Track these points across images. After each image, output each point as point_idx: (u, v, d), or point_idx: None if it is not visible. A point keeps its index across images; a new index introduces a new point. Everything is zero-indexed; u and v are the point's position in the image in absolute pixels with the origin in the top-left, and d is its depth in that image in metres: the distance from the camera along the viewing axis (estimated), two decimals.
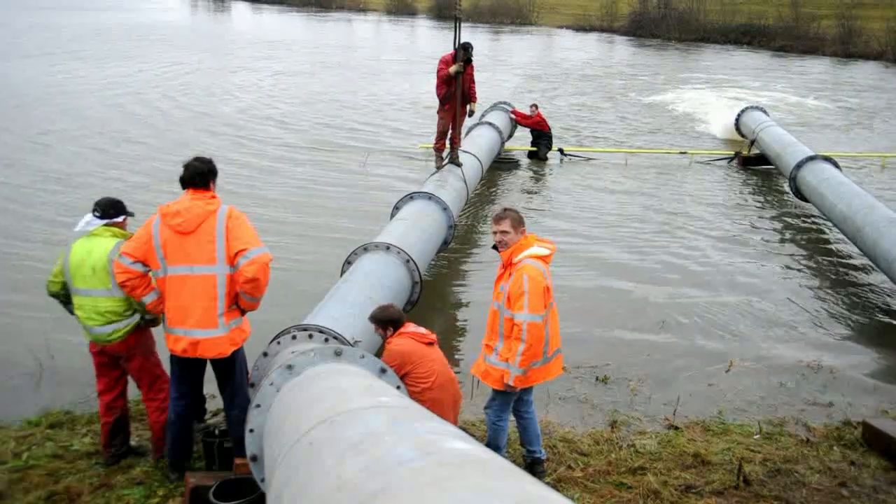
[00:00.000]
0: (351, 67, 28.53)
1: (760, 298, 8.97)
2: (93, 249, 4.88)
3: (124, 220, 5.12)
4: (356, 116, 19.29)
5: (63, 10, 45.89)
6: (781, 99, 24.37)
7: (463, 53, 10.18)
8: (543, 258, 4.87)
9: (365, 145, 15.99)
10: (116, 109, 18.87)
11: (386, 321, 5.20)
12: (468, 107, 10.53)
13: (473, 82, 10.48)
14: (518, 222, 4.91)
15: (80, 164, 13.62)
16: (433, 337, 5.19)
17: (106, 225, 5.01)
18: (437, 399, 4.82)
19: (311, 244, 10.06)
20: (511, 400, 5.12)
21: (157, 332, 5.10)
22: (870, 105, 24.25)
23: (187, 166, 4.65)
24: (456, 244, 9.87)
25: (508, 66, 30.07)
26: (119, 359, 5.06)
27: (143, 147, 15.08)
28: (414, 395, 4.60)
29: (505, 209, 5.05)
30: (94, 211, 5.04)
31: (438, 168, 10.55)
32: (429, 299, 8.28)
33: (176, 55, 29.56)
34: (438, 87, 10.36)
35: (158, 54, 29.52)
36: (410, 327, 5.17)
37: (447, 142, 10.58)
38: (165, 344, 4.68)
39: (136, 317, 4.96)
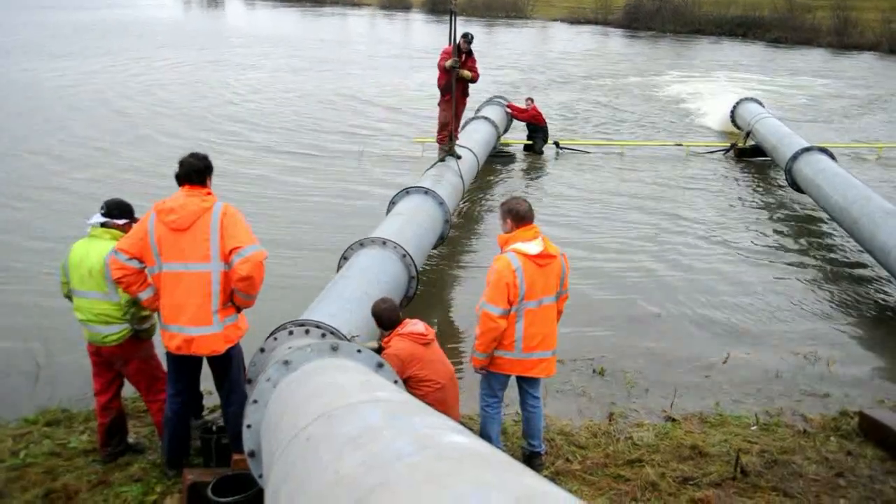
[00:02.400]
0: (345, 62, 28.45)
1: (756, 290, 8.99)
2: (90, 251, 4.85)
3: (127, 224, 5.00)
4: (352, 111, 19.24)
5: (60, 8, 45.63)
6: (776, 90, 24.38)
7: (463, 43, 10.20)
8: (530, 256, 4.81)
9: (360, 139, 15.96)
10: (80, 110, 18.76)
11: (373, 315, 5.22)
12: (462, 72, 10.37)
13: (477, 73, 10.53)
14: (506, 213, 4.96)
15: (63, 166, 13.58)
16: (431, 335, 5.14)
17: (105, 225, 4.97)
18: (440, 400, 4.83)
19: (307, 239, 10.05)
20: (495, 385, 5.16)
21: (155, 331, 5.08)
22: (865, 96, 24.28)
23: (183, 163, 4.62)
24: (452, 239, 9.86)
25: (503, 59, 30.03)
26: (114, 362, 5.04)
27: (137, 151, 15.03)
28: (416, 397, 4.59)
29: (507, 199, 5.09)
30: (100, 209, 5.02)
31: (439, 160, 10.57)
32: (425, 294, 8.28)
33: (167, 53, 29.45)
34: (439, 79, 10.43)
35: (149, 51, 29.40)
36: (408, 326, 5.11)
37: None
38: (162, 341, 4.67)
39: (128, 325, 4.92)
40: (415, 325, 5.12)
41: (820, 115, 21.01)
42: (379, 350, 5.11)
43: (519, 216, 4.90)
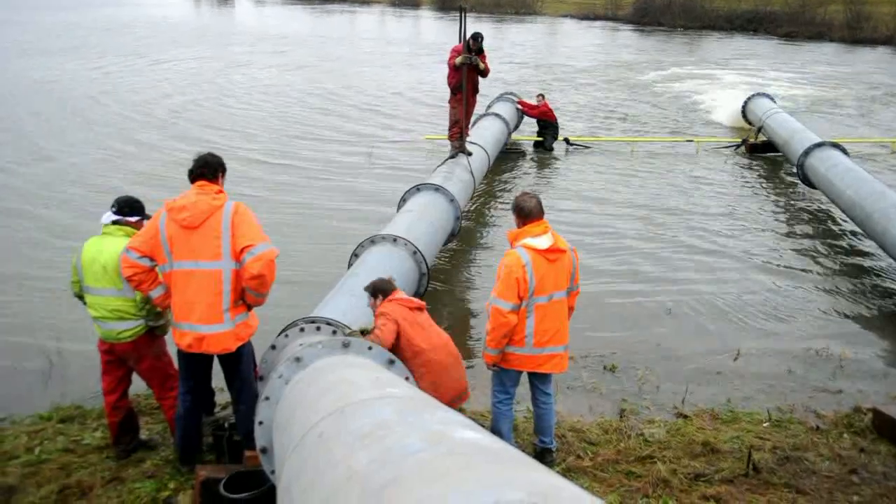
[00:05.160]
0: (354, 60, 28.47)
1: (768, 286, 8.94)
2: (104, 248, 4.88)
3: (139, 221, 5.05)
4: (361, 108, 19.26)
5: (59, 8, 45.77)
6: (788, 85, 24.22)
7: (473, 43, 10.19)
8: (540, 251, 4.81)
9: (370, 137, 15.97)
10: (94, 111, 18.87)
11: (376, 290, 5.25)
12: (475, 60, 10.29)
13: (488, 68, 10.52)
14: (515, 210, 4.97)
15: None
16: (421, 303, 5.25)
17: (117, 223, 5.00)
18: (433, 360, 4.85)
19: (318, 237, 10.07)
20: (507, 381, 5.16)
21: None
22: (878, 90, 24.08)
23: (197, 159, 4.66)
24: (463, 236, 9.86)
25: (512, 56, 29.98)
26: (127, 359, 5.07)
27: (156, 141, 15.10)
28: (407, 361, 4.68)
29: (517, 195, 5.09)
30: (111, 206, 5.05)
31: (450, 157, 10.57)
32: (436, 291, 8.29)
33: (176, 51, 29.55)
34: (449, 76, 10.43)
35: (154, 51, 29.51)
36: (398, 294, 5.22)
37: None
38: (173, 339, 4.69)
39: (143, 321, 4.95)
40: (403, 294, 5.25)
41: (832, 109, 20.85)
42: (364, 333, 5.12)
43: (525, 212, 4.91)
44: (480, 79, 10.72)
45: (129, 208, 5.07)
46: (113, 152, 14.22)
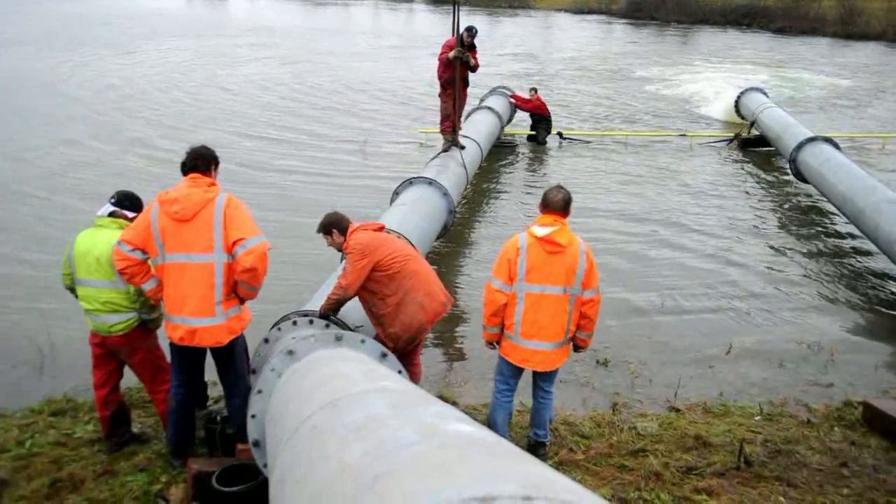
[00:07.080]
0: (347, 54, 28.37)
1: (760, 280, 8.97)
2: (98, 241, 4.85)
3: (135, 217, 4.98)
4: (354, 101, 19.20)
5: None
6: (781, 79, 24.27)
7: (467, 36, 10.16)
8: (537, 238, 4.83)
9: (363, 131, 15.93)
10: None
11: (327, 226, 5.34)
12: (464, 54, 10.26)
13: (477, 62, 10.48)
14: (542, 198, 5.01)
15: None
16: (382, 224, 5.54)
17: (113, 215, 4.97)
18: (416, 270, 5.16)
19: (311, 230, 9.97)
20: (505, 370, 5.16)
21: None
22: (870, 85, 24.17)
23: (190, 151, 4.64)
24: (456, 229, 9.85)
25: (506, 50, 29.93)
26: (119, 352, 5.04)
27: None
28: (393, 279, 5.04)
29: (553, 185, 5.17)
30: (111, 198, 5.03)
31: (442, 151, 10.55)
32: None
33: (167, 44, 29.39)
34: (440, 70, 10.40)
35: (146, 43, 29.34)
36: (357, 223, 5.37)
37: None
38: (165, 332, 4.68)
39: (135, 314, 4.93)
40: (362, 222, 5.44)
41: (825, 104, 20.92)
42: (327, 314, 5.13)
43: (545, 202, 4.95)
44: (470, 73, 10.69)
45: (128, 202, 5.04)
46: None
